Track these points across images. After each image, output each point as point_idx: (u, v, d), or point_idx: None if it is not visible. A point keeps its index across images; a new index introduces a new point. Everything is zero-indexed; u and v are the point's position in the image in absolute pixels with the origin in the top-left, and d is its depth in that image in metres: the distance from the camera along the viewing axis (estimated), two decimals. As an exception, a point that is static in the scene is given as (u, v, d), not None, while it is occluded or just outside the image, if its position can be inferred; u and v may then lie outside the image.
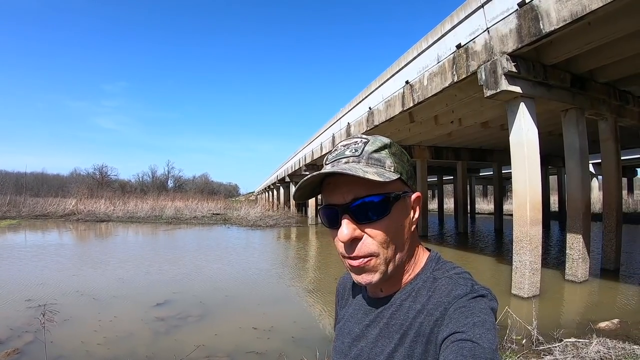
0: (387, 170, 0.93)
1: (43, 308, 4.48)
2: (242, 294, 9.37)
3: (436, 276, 0.97)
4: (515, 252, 8.56)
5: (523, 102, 8.41)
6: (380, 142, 0.97)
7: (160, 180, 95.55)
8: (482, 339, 0.76)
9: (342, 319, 1.16)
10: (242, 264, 13.63)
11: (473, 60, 8.78)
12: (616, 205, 10.99)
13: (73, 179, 74.74)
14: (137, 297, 8.75)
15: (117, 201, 39.09)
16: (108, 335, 6.17)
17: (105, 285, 9.77)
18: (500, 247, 17.35)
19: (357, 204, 0.91)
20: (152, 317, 7.25)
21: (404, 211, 0.96)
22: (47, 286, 9.62)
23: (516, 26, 7.58)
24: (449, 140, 19.84)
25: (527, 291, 8.21)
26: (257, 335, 6.19)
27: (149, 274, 11.53)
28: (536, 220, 8.42)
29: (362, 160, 0.93)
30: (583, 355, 4.81)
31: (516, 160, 8.61)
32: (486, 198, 55.58)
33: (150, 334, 6.41)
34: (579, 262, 9.35)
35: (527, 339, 5.46)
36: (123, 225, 29.70)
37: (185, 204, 39.41)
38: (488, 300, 0.88)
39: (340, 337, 1.11)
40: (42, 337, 5.78)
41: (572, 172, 9.75)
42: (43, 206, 36.85)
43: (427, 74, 10.74)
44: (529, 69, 8.19)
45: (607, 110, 10.61)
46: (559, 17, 6.63)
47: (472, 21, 8.82)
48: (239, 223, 31.00)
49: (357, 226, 0.92)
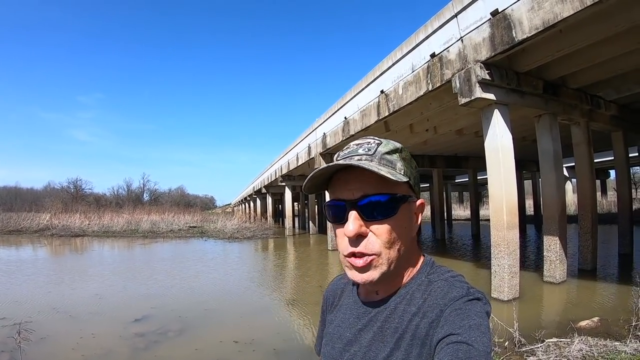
0: (397, 172, 0.94)
1: (18, 327, 4.35)
2: (221, 306, 9.32)
3: (431, 279, 0.98)
4: (494, 256, 8.68)
5: (497, 108, 8.58)
6: (393, 146, 0.98)
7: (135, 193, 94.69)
8: (478, 341, 0.77)
9: (330, 324, 1.15)
10: (220, 276, 13.57)
11: (447, 69, 8.95)
12: (591, 207, 11.27)
13: (47, 192, 73.89)
14: (115, 313, 8.61)
15: (92, 215, 38.35)
16: (86, 353, 6.06)
17: (81, 301, 9.61)
18: (478, 252, 17.58)
19: (366, 201, 0.92)
20: (131, 333, 7.15)
21: (409, 214, 0.98)
22: (21, 303, 9.44)
23: (489, 35, 7.76)
24: (425, 148, 20.06)
25: (507, 294, 8.33)
26: (238, 349, 6.15)
27: (127, 289, 11.41)
28: (513, 224, 8.57)
29: (375, 159, 0.93)
30: (566, 355, 4.90)
31: (492, 166, 8.77)
32: (462, 204, 56.20)
33: (130, 350, 6.31)
34: (557, 264, 9.55)
35: (509, 341, 5.51)
36: (99, 239, 29.17)
37: (161, 217, 38.87)
38: (483, 303, 0.89)
39: (330, 342, 1.10)
40: (18, 357, 5.71)
41: (547, 176, 9.99)
42: (17, 221, 35.81)
43: (402, 83, 10.90)
44: (502, 77, 8.37)
45: (580, 115, 10.89)
46: (531, 25, 6.83)
47: (446, 30, 9.00)
48: (216, 235, 30.83)
49: (364, 223, 0.92)
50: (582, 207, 11.49)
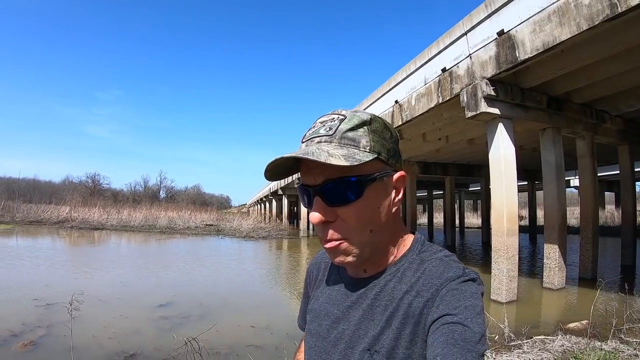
0: (361, 150, 0.88)
1: (71, 298, 4.85)
2: (239, 297, 9.84)
3: (423, 258, 0.96)
4: (494, 261, 9.18)
5: (501, 122, 9.04)
6: (358, 119, 0.91)
7: (152, 190, 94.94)
8: (473, 322, 0.77)
9: (316, 300, 1.12)
10: (237, 271, 14.09)
11: (456, 84, 9.46)
12: (592, 218, 11.62)
13: (65, 186, 74.11)
14: (140, 299, 9.17)
15: (111, 210, 38.95)
16: (117, 331, 6.56)
17: (108, 288, 10.01)
18: (486, 258, 17.53)
19: (328, 186, 0.88)
20: (156, 316, 7.66)
21: (382, 192, 0.92)
22: (51, 287, 9.88)
23: (495, 53, 8.26)
24: (437, 156, 20.26)
25: (505, 297, 8.79)
26: (255, 332, 6.62)
27: (149, 278, 11.96)
28: (512, 231, 9.05)
29: (335, 140, 0.89)
30: (548, 349, 5.38)
31: (494, 176, 9.31)
32: (476, 212, 55.92)
33: (156, 330, 6.82)
34: (556, 271, 9.95)
35: (499, 336, 5.96)
36: (117, 233, 29.55)
37: (178, 215, 39.40)
38: (478, 284, 0.88)
39: (316, 319, 1.07)
40: (55, 332, 6.30)
41: (549, 186, 10.38)
42: (37, 212, 36.74)
43: (414, 94, 11.44)
44: (507, 92, 8.86)
45: (584, 128, 11.25)
46: (533, 46, 7.31)
47: (457, 47, 9.50)
48: (232, 234, 31.06)
49: (329, 208, 0.90)
50: (584, 217, 11.84)
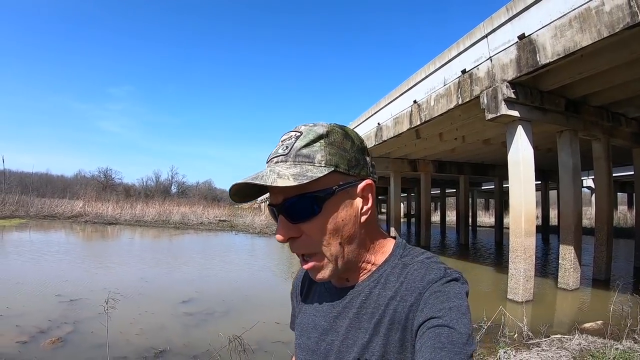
0: (316, 165, 0.88)
1: (107, 296, 4.91)
2: (260, 294, 9.98)
3: (405, 262, 0.96)
4: (511, 261, 9.30)
5: (520, 124, 9.17)
6: (314, 134, 0.91)
7: (164, 185, 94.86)
8: (459, 323, 0.78)
9: (304, 314, 1.11)
10: (255, 267, 14.29)
11: (476, 86, 9.60)
12: (607, 220, 11.65)
13: (77, 180, 74.26)
14: (162, 295, 9.28)
15: (124, 204, 39.06)
16: (144, 328, 6.67)
17: (129, 283, 10.14)
18: (499, 258, 17.91)
19: (287, 205, 0.89)
20: (181, 312, 7.81)
21: (346, 204, 0.92)
22: (72, 283, 9.96)
23: (516, 57, 8.39)
24: (453, 155, 20.37)
25: (522, 296, 8.94)
26: (280, 329, 6.65)
27: (169, 274, 12.08)
28: (530, 232, 9.19)
29: (290, 158, 0.89)
30: (566, 347, 5.56)
31: (513, 177, 9.40)
32: (488, 211, 55.81)
33: (181, 326, 6.94)
34: (571, 272, 10.05)
35: (518, 335, 6.14)
36: (131, 228, 29.80)
37: (191, 210, 39.55)
38: (461, 284, 0.88)
39: (305, 332, 1.07)
40: (82, 329, 6.43)
41: (565, 188, 10.44)
42: (50, 207, 36.89)
43: (434, 95, 11.57)
44: (526, 95, 8.98)
45: (600, 131, 11.32)
46: (554, 51, 7.43)
47: (477, 49, 9.63)
48: (246, 230, 31.34)
49: (292, 225, 0.91)
50: (599, 219, 11.88)
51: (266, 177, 0.85)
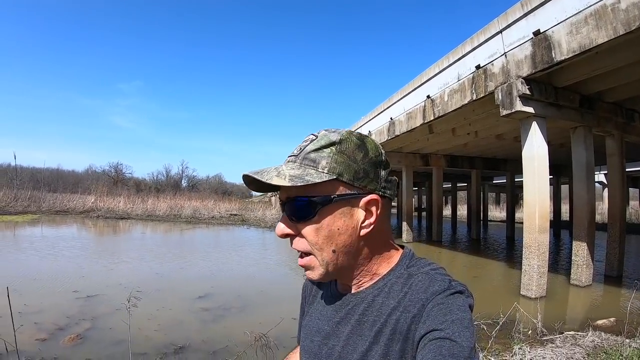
0: (318, 171, 0.89)
1: (129, 294, 4.91)
2: (275, 288, 10.01)
3: (411, 272, 0.95)
4: (525, 257, 9.32)
5: (535, 121, 9.16)
6: (327, 140, 0.92)
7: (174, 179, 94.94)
8: (461, 337, 0.76)
9: (310, 316, 1.12)
10: (269, 261, 14.30)
11: (491, 81, 9.58)
12: (620, 216, 11.62)
13: (88, 175, 74.51)
14: (178, 291, 9.31)
15: (136, 199, 39.27)
16: (162, 323, 6.70)
17: (144, 279, 10.27)
18: (511, 253, 17.86)
19: (288, 203, 0.92)
20: (197, 307, 7.85)
21: (344, 214, 0.92)
22: (88, 279, 10.00)
23: (531, 53, 8.37)
24: (465, 149, 20.33)
25: (535, 292, 8.97)
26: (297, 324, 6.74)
27: (184, 270, 12.07)
28: (544, 228, 9.19)
29: (298, 160, 0.92)
30: (580, 344, 5.60)
31: (527, 174, 9.39)
32: (499, 206, 55.29)
33: (199, 322, 6.99)
34: (583, 268, 10.07)
35: (532, 331, 6.16)
36: (143, 222, 30.19)
37: (202, 204, 39.60)
38: (465, 297, 0.87)
39: (308, 335, 1.08)
40: (100, 325, 6.44)
41: (579, 184, 10.44)
42: (62, 202, 37.10)
43: (447, 90, 11.57)
44: (541, 92, 8.97)
45: (614, 127, 11.26)
46: (569, 48, 7.40)
47: (491, 45, 9.60)
48: (257, 224, 31.49)
49: (291, 223, 0.94)
50: (611, 215, 11.85)
51: (266, 174, 0.89)
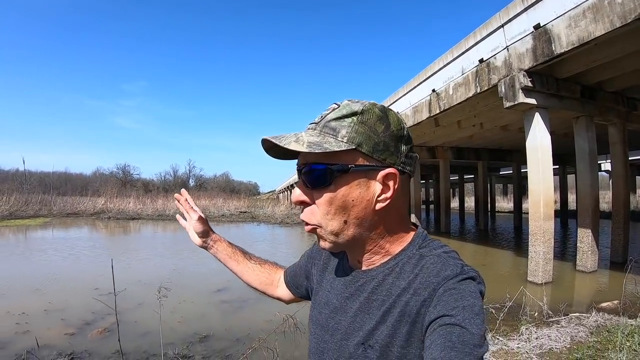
0: (337, 140, 0.87)
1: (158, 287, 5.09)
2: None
3: (423, 254, 0.93)
4: (531, 244, 9.60)
5: (538, 112, 9.40)
6: (348, 110, 0.90)
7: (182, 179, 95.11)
8: (471, 323, 0.75)
9: (320, 288, 1.14)
10: (282, 255, 14.44)
11: (494, 75, 9.83)
12: (624, 203, 11.80)
13: (96, 177, 74.86)
14: (197, 285, 9.58)
15: (145, 199, 39.57)
16: (184, 316, 6.92)
17: (162, 275, 10.09)
18: (519, 242, 18.04)
19: (306, 169, 0.91)
20: (217, 300, 8.15)
21: (360, 185, 0.90)
22: (107, 277, 9.85)
23: (532, 46, 8.63)
24: (470, 141, 20.46)
25: (541, 278, 9.23)
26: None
27: (200, 266, 12.07)
28: (549, 216, 9.46)
29: (318, 127, 0.91)
30: (584, 324, 5.89)
31: (531, 163, 9.65)
32: (506, 197, 55.34)
33: (220, 313, 7.27)
34: (589, 254, 10.31)
35: (539, 313, 6.45)
36: (153, 222, 30.25)
37: (211, 202, 39.93)
38: (477, 283, 0.85)
39: (318, 307, 1.09)
40: (125, 319, 6.49)
41: (582, 173, 10.62)
42: (72, 205, 37.47)
43: (452, 84, 11.82)
44: (543, 83, 9.21)
45: (616, 116, 11.42)
46: (568, 40, 7.66)
47: (494, 39, 9.85)
48: (267, 221, 31.68)
49: (307, 190, 0.93)
50: (616, 203, 11.99)
51: (285, 139, 0.89)
